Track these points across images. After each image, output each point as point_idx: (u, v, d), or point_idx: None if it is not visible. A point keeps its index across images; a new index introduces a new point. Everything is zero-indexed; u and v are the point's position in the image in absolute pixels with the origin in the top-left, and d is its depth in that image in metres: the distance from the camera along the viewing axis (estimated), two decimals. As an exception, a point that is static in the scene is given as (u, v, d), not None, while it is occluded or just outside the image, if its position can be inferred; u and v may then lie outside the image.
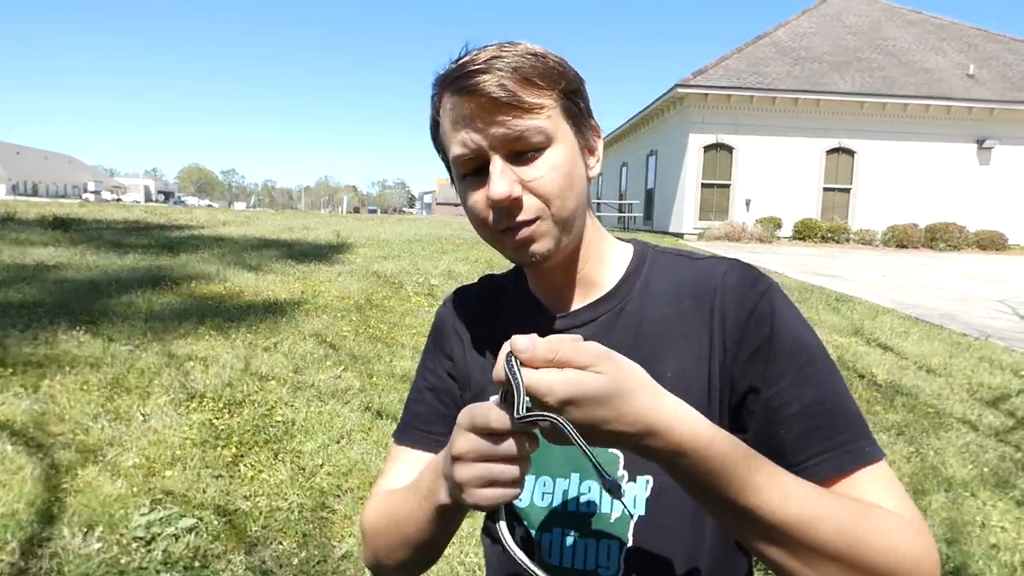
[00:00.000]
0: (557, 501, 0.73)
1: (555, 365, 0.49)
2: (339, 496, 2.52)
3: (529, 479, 0.75)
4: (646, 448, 0.51)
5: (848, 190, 16.87)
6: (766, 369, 0.65)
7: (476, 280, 0.90)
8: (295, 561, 2.10)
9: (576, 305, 0.76)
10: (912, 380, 4.23)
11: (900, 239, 15.72)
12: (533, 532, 0.74)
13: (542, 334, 0.75)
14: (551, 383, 0.48)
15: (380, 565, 0.76)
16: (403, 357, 4.20)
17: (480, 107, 0.64)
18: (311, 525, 2.30)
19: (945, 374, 4.40)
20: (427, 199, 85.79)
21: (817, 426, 0.62)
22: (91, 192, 71.38)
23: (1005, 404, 3.88)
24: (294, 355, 4.04)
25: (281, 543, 2.18)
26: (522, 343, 0.50)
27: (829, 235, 15.94)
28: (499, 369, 0.51)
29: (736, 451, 0.52)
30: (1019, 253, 15.71)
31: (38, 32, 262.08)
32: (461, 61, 0.67)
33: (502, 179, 0.65)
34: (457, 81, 0.65)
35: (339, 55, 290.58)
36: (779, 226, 16.05)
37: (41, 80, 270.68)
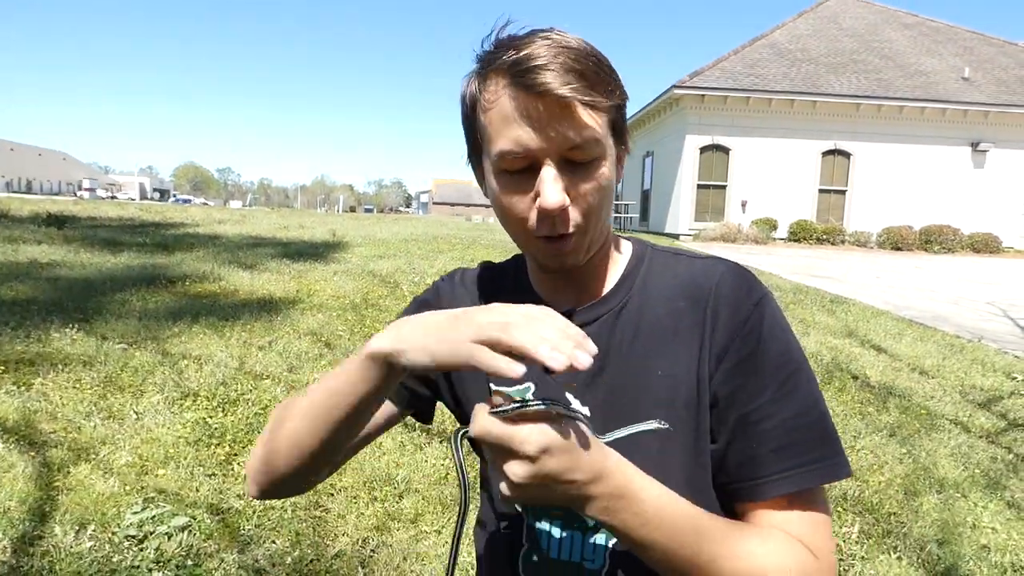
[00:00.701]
0: None
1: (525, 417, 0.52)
2: (332, 495, 2.52)
3: None
4: (588, 493, 0.55)
5: (843, 192, 16.93)
6: (747, 381, 0.66)
7: (476, 266, 0.89)
8: (288, 560, 2.10)
9: (576, 304, 0.76)
10: (905, 382, 4.25)
11: (895, 241, 15.78)
12: (527, 519, 0.75)
13: None
14: (528, 434, 0.51)
15: (270, 471, 0.69)
16: (398, 356, 4.19)
17: (545, 108, 0.61)
18: (304, 524, 2.30)
19: (938, 376, 4.42)
20: (423, 199, 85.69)
21: (787, 444, 0.65)
22: (86, 189, 70.90)
23: (997, 406, 3.90)
24: (289, 354, 4.03)
25: (274, 542, 2.18)
26: (498, 400, 0.54)
27: (824, 237, 15.99)
28: (482, 425, 0.53)
29: (652, 488, 0.58)
30: (1012, 256, 15.80)
31: (33, 29, 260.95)
32: (523, 51, 0.61)
33: (556, 187, 0.63)
34: (520, 74, 0.60)
35: (337, 53, 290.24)
36: (775, 227, 16.10)
37: (36, 77, 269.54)
